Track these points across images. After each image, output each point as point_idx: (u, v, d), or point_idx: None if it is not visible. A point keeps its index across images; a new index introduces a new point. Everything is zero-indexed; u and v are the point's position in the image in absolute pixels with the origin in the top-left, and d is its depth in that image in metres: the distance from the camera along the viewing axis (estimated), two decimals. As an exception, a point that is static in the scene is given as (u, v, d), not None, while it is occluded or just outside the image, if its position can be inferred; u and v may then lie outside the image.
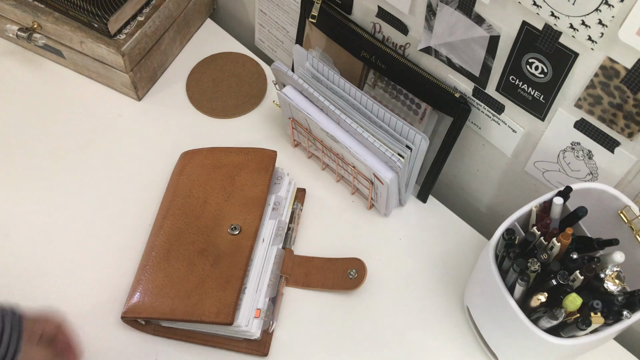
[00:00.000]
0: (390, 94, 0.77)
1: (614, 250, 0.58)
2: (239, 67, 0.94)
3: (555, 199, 0.61)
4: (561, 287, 0.57)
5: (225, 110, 0.90)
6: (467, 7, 0.61)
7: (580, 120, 0.62)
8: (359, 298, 0.75)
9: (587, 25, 0.52)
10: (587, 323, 0.54)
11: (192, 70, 0.94)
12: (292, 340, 0.72)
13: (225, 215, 0.73)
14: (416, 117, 0.76)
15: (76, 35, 0.84)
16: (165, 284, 0.69)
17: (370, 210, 0.82)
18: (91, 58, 0.87)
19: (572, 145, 0.65)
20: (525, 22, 0.58)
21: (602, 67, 0.55)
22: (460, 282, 0.77)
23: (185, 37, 0.96)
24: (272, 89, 0.92)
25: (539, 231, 0.60)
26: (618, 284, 0.57)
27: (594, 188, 0.62)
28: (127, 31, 0.84)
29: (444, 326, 0.74)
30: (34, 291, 0.74)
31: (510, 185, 0.77)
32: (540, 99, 0.63)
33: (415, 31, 0.70)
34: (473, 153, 0.78)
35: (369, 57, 0.75)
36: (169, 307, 0.67)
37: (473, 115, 0.73)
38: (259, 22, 0.95)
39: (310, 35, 0.82)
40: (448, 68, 0.70)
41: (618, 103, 0.56)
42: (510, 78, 0.64)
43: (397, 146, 0.71)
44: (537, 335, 0.57)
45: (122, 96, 0.91)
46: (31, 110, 0.89)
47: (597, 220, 0.62)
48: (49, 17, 0.85)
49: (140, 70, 0.88)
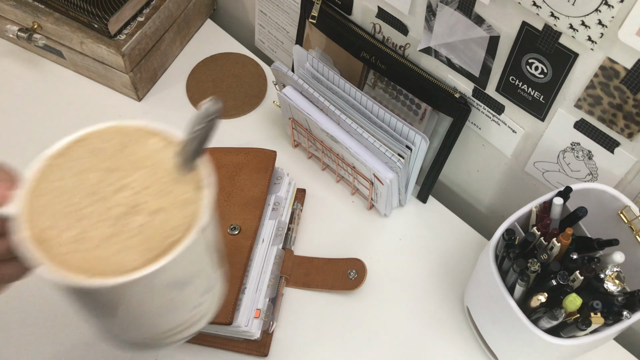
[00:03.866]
0: (390, 94, 0.77)
1: (614, 250, 0.58)
2: (239, 67, 0.94)
3: (555, 199, 0.61)
4: (561, 287, 0.57)
5: (226, 111, 0.90)
6: (467, 8, 0.61)
7: (580, 121, 0.62)
8: (359, 298, 0.75)
9: (587, 25, 0.52)
10: (587, 323, 0.54)
11: (192, 71, 0.94)
12: (292, 341, 0.72)
13: (224, 215, 0.73)
14: (416, 118, 0.76)
15: (76, 36, 0.84)
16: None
17: (370, 210, 0.82)
18: (91, 58, 0.87)
19: (572, 145, 0.65)
20: (525, 22, 0.58)
21: (601, 68, 0.55)
22: (460, 283, 0.77)
23: (185, 37, 0.96)
24: (272, 89, 0.92)
25: (539, 231, 0.60)
26: (618, 284, 0.57)
27: (593, 188, 0.62)
28: (127, 31, 0.85)
29: (444, 326, 0.73)
30: (34, 291, 0.74)
31: (510, 186, 0.77)
32: (540, 99, 0.63)
33: (415, 32, 0.70)
34: (473, 153, 0.78)
35: (369, 57, 0.75)
36: (169, 308, 0.67)
37: (473, 116, 0.73)
38: (259, 22, 0.95)
39: (310, 35, 0.82)
40: (448, 68, 0.70)
41: (618, 103, 0.56)
42: (510, 78, 0.64)
43: (397, 146, 0.71)
44: (537, 336, 0.57)
45: (122, 97, 0.91)
46: (31, 111, 0.89)
47: (597, 221, 0.62)
48: (49, 17, 0.85)
49: (141, 71, 0.88)
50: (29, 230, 0.38)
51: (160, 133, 0.43)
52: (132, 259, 0.38)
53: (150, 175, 0.41)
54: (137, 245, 0.38)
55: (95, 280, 0.37)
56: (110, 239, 0.38)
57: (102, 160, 0.41)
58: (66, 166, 0.41)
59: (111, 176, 0.41)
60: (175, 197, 0.40)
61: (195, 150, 0.40)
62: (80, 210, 0.39)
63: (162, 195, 0.40)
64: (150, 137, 0.42)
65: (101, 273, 0.37)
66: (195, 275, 0.43)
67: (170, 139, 0.42)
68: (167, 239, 0.38)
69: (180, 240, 0.38)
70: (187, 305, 0.44)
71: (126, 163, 0.41)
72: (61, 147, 0.42)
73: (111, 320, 0.43)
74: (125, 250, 0.38)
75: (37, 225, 0.39)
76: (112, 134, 0.43)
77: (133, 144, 0.42)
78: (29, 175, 0.40)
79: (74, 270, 0.37)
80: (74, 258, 0.38)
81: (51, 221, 0.39)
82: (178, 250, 0.38)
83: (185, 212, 0.40)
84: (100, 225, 0.39)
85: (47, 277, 0.37)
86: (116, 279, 0.36)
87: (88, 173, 0.41)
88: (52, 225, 0.39)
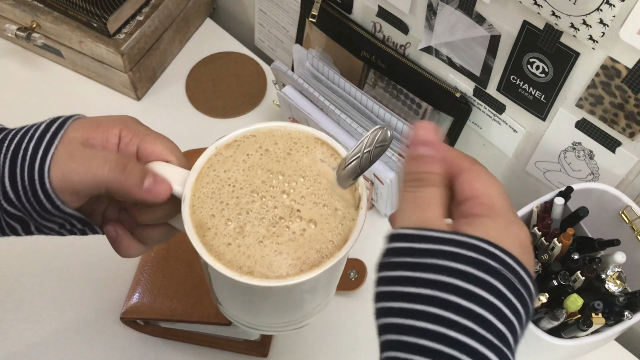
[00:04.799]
0: (391, 93, 0.77)
1: (615, 250, 0.57)
2: (239, 66, 0.94)
3: (556, 199, 0.61)
4: (562, 287, 0.57)
5: (225, 110, 0.90)
6: (468, 7, 0.61)
7: (581, 120, 0.61)
8: (359, 299, 0.75)
9: (588, 24, 0.52)
10: (588, 324, 0.54)
11: (191, 70, 0.94)
12: (292, 341, 0.72)
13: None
14: (417, 117, 0.76)
15: (75, 35, 0.84)
16: (164, 285, 0.69)
17: (371, 210, 0.82)
18: (90, 58, 0.87)
19: (573, 145, 0.64)
20: (526, 21, 0.57)
21: (603, 67, 0.55)
22: (461, 283, 0.76)
23: (185, 36, 0.96)
24: (272, 88, 0.92)
25: (540, 231, 0.60)
26: (619, 284, 0.57)
27: (595, 188, 0.62)
28: (127, 31, 0.84)
29: (445, 327, 0.73)
30: (33, 290, 0.73)
31: (511, 186, 0.77)
32: (541, 98, 0.63)
33: (415, 30, 0.70)
34: (474, 153, 0.78)
35: (369, 56, 0.75)
36: (168, 308, 0.67)
37: (474, 115, 0.73)
38: (259, 21, 0.95)
39: (310, 34, 0.82)
40: (449, 68, 0.70)
41: (619, 103, 0.56)
42: (511, 78, 0.64)
43: (398, 146, 0.70)
44: (538, 336, 0.56)
45: (121, 96, 0.91)
46: (30, 110, 0.89)
47: (598, 221, 0.62)
48: (47, 16, 0.85)
49: (140, 70, 0.88)
50: (193, 214, 0.41)
51: (326, 143, 0.44)
52: (285, 265, 0.40)
53: (311, 184, 0.43)
54: (290, 251, 0.40)
55: (250, 279, 0.39)
56: (267, 239, 0.40)
57: (269, 162, 0.43)
58: (234, 159, 0.43)
59: (275, 178, 0.43)
60: (332, 211, 0.42)
61: (359, 169, 0.41)
62: (243, 206, 0.41)
63: (319, 207, 0.42)
64: (316, 146, 0.44)
65: (254, 272, 0.39)
66: (327, 284, 0.46)
67: (335, 153, 0.44)
68: (318, 252, 0.40)
69: (331, 256, 0.40)
70: (312, 304, 0.47)
71: (291, 168, 0.43)
72: (231, 139, 0.44)
73: (240, 300, 0.46)
74: (279, 254, 0.40)
75: (201, 211, 0.41)
76: (281, 135, 0.45)
77: (299, 149, 0.44)
78: (199, 162, 0.43)
79: (229, 264, 0.39)
80: (231, 251, 0.40)
81: (214, 210, 0.41)
82: (327, 266, 0.40)
83: (338, 228, 0.42)
84: (260, 223, 0.41)
85: (204, 259, 0.40)
86: (269, 282, 0.39)
87: (255, 170, 0.43)
88: (214, 214, 0.41)
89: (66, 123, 0.43)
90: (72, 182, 0.40)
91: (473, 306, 0.31)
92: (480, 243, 0.32)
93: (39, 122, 0.44)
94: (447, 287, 0.31)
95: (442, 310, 0.31)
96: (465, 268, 0.31)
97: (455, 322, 0.30)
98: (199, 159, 0.43)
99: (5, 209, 0.41)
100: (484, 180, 0.36)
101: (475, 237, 0.33)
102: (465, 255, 0.32)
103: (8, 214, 0.41)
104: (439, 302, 0.31)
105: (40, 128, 0.42)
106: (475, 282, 0.31)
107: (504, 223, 0.34)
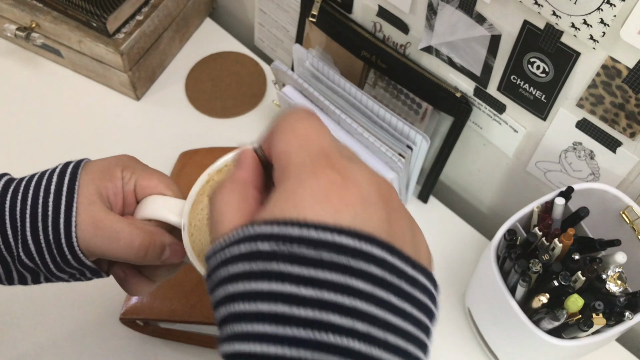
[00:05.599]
0: (391, 93, 0.77)
1: (616, 251, 0.57)
2: (239, 66, 0.94)
3: (556, 200, 0.60)
4: (563, 288, 0.57)
5: (225, 110, 0.90)
6: (468, 6, 0.61)
7: (582, 120, 0.61)
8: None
9: (589, 24, 0.52)
10: (589, 324, 0.54)
11: (191, 70, 0.94)
12: (291, 342, 0.72)
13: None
14: (417, 117, 0.75)
15: (74, 35, 0.84)
16: (164, 285, 0.69)
17: (371, 210, 0.82)
18: (89, 57, 0.87)
19: (573, 145, 0.64)
20: (526, 21, 0.57)
21: (603, 67, 0.55)
22: (461, 283, 0.76)
23: (185, 36, 0.96)
24: (272, 88, 0.92)
25: (540, 232, 0.60)
26: (620, 285, 0.57)
27: (595, 188, 0.62)
28: (126, 30, 0.84)
29: (445, 327, 0.73)
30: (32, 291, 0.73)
31: (512, 186, 0.77)
32: (542, 98, 0.63)
33: (416, 30, 0.70)
34: (474, 153, 0.78)
35: (370, 56, 0.75)
36: (168, 308, 0.67)
37: (474, 115, 0.72)
38: (259, 21, 0.95)
39: (310, 34, 0.81)
40: (449, 67, 0.70)
41: (620, 103, 0.56)
42: (512, 77, 0.63)
43: (398, 146, 0.70)
44: (538, 337, 0.56)
45: (120, 96, 0.91)
46: (29, 110, 0.89)
47: (599, 221, 0.62)
48: (47, 16, 0.85)
49: (139, 70, 0.88)
50: (194, 242, 0.42)
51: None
52: None
53: None
54: None
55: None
56: None
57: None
58: None
59: None
60: None
61: None
62: None
63: None
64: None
65: None
66: None
67: None
68: None
69: None
70: None
71: None
72: (222, 164, 0.44)
73: None
74: None
75: (199, 238, 0.42)
76: None
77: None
78: (193, 190, 0.43)
79: None
80: None
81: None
82: None
83: None
84: None
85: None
86: None
87: None
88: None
89: (77, 174, 0.45)
90: (96, 254, 0.44)
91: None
92: (251, 230, 0.28)
93: (46, 171, 0.45)
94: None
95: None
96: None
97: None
98: (193, 187, 0.43)
99: (21, 260, 0.43)
100: (279, 138, 0.30)
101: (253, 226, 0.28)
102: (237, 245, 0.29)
103: (23, 265, 0.44)
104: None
105: (54, 181, 0.44)
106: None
107: (304, 179, 0.28)
